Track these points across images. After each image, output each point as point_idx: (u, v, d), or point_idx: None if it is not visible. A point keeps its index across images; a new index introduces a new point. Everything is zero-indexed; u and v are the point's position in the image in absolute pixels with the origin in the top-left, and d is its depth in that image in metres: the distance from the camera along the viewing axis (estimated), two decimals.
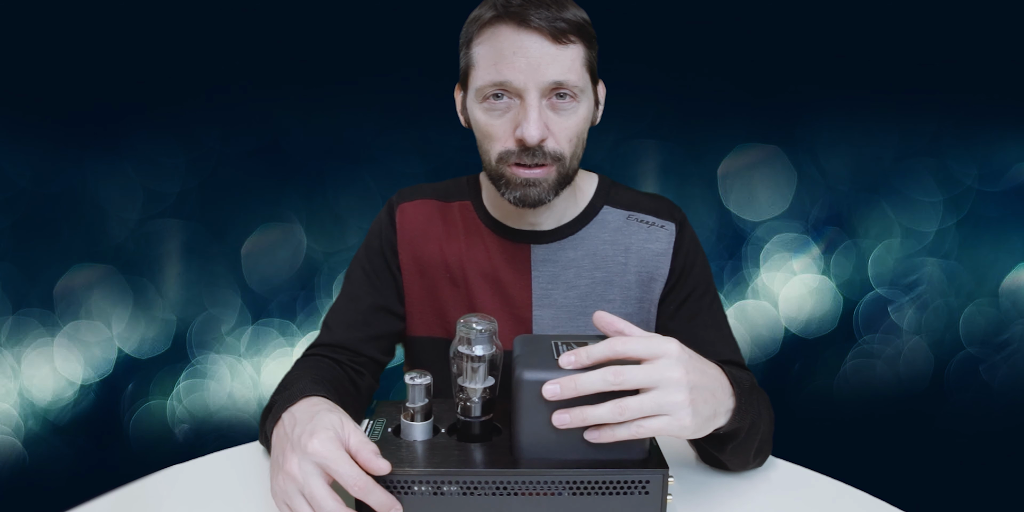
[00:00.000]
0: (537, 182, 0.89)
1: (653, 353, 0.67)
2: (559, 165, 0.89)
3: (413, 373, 0.75)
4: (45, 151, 1.76)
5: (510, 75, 0.85)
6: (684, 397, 0.67)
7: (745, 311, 1.93)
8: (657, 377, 0.66)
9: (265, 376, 1.87)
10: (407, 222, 1.03)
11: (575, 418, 0.67)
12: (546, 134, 0.87)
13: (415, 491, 0.70)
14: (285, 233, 1.87)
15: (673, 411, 0.67)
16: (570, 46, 0.86)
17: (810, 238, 1.92)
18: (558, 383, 0.67)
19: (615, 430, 0.67)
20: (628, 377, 0.66)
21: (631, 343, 0.68)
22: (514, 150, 0.88)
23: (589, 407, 0.67)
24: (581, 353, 0.68)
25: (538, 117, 0.86)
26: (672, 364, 0.67)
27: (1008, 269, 1.88)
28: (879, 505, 0.84)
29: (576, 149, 0.91)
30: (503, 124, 0.88)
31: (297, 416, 0.74)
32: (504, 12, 0.86)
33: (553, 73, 0.85)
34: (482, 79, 0.88)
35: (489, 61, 0.87)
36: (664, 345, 0.68)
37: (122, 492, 0.86)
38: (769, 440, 0.89)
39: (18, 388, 1.76)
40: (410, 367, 1.11)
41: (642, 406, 0.66)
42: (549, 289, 1.00)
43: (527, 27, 0.84)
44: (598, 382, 0.66)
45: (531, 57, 0.85)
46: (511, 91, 0.87)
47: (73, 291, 1.78)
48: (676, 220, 1.02)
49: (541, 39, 0.84)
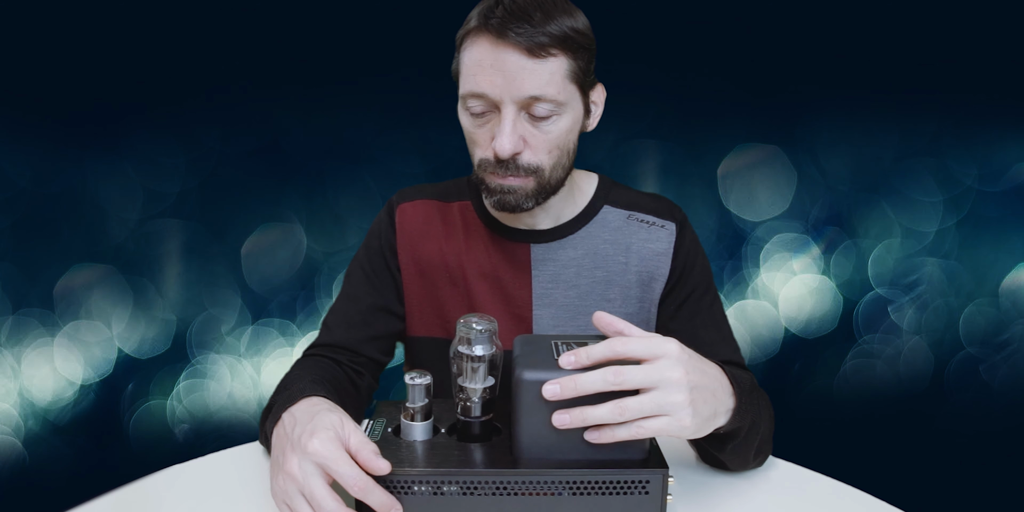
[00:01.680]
0: (512, 190, 0.89)
1: (653, 353, 0.67)
2: (536, 176, 0.89)
3: (413, 373, 0.75)
4: (45, 151, 1.76)
5: (487, 87, 0.85)
6: (684, 397, 0.67)
7: (745, 311, 1.93)
8: (657, 377, 0.66)
9: (265, 376, 1.87)
10: (407, 222, 1.03)
11: (575, 418, 0.67)
12: (520, 147, 0.87)
13: (415, 491, 0.70)
14: (285, 233, 1.87)
15: (673, 411, 0.67)
16: (549, 60, 0.84)
17: (810, 238, 1.92)
18: (558, 383, 0.67)
19: (615, 430, 0.67)
20: (628, 377, 0.66)
21: (631, 343, 0.68)
22: (491, 160, 0.89)
23: (589, 407, 0.67)
24: (581, 353, 0.68)
25: (511, 131, 0.85)
26: (672, 364, 0.67)
27: (1008, 269, 1.88)
28: (879, 505, 0.84)
29: (559, 159, 0.91)
30: (483, 133, 0.89)
31: (297, 416, 0.74)
32: (484, 23, 0.85)
33: (529, 87, 0.84)
34: (464, 87, 0.88)
35: (469, 71, 0.87)
36: (664, 345, 0.68)
37: (122, 492, 0.86)
38: (769, 440, 0.89)
39: (18, 388, 1.76)
40: (410, 367, 1.11)
41: (642, 406, 0.66)
42: (549, 288, 1.00)
43: (504, 40, 0.83)
44: (598, 382, 0.66)
45: (507, 71, 0.84)
46: (488, 102, 0.87)
47: (73, 291, 1.78)
48: (676, 220, 1.02)
49: (517, 53, 0.83)
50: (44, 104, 1.74)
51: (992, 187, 1.87)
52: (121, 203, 1.80)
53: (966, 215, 1.87)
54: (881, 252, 1.91)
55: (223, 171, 1.84)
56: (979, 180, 1.87)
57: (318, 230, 1.88)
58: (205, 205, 1.84)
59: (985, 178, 1.87)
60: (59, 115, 1.76)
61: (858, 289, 1.92)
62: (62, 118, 1.76)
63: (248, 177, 1.85)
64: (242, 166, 1.84)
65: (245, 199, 1.86)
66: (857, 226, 1.91)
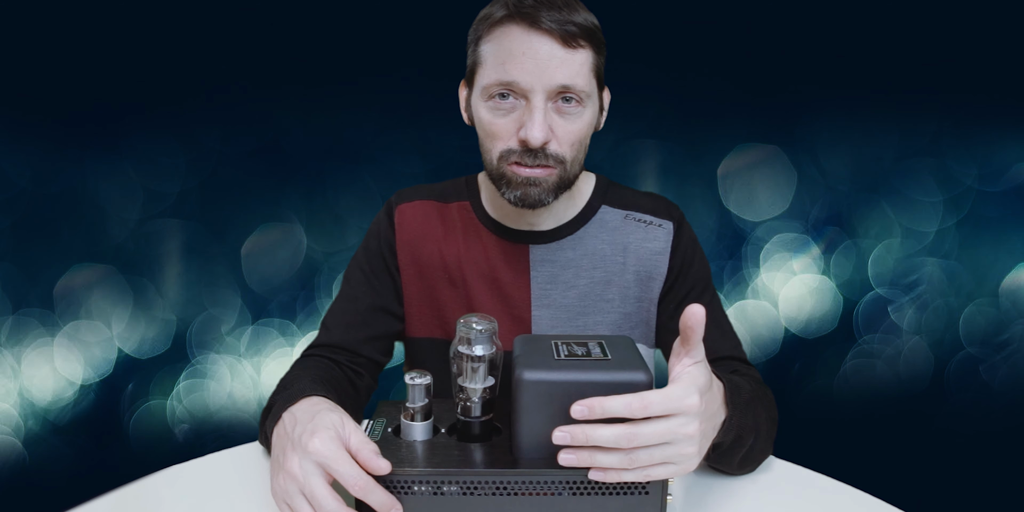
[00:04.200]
0: (538, 182, 0.89)
1: (671, 412, 0.66)
2: (561, 168, 0.89)
3: (413, 373, 0.75)
4: (45, 151, 1.76)
5: (518, 75, 0.85)
6: (695, 449, 0.67)
7: (745, 311, 1.93)
8: (671, 436, 0.65)
9: (265, 376, 1.87)
10: (406, 223, 1.03)
11: (582, 459, 0.66)
12: (550, 137, 0.87)
13: (415, 491, 0.70)
14: (285, 233, 1.87)
15: (682, 462, 0.67)
16: (579, 50, 0.85)
17: (810, 238, 1.92)
18: (568, 432, 0.66)
19: (621, 474, 0.67)
20: (642, 440, 0.65)
21: (651, 407, 0.65)
22: (516, 149, 0.88)
23: (599, 452, 0.66)
24: (596, 407, 0.65)
25: (543, 119, 0.85)
26: (689, 421, 0.66)
27: (1008, 269, 1.88)
28: (879, 505, 0.84)
29: (578, 154, 0.91)
30: (507, 123, 0.88)
31: (297, 416, 0.74)
32: (515, 12, 0.85)
33: (561, 76, 0.85)
34: (488, 77, 0.87)
35: (497, 60, 0.86)
36: (685, 402, 0.66)
37: (122, 492, 0.86)
38: (766, 448, 0.87)
39: (18, 388, 1.76)
40: (410, 367, 1.11)
41: (652, 458, 0.66)
42: (548, 289, 1.00)
43: (538, 28, 0.84)
44: (610, 440, 0.65)
45: (540, 59, 0.84)
46: (517, 91, 0.86)
47: (73, 291, 1.78)
48: (674, 219, 1.02)
49: (551, 41, 0.84)
50: (44, 104, 1.74)
51: (992, 187, 1.87)
52: (121, 203, 1.80)
53: (966, 215, 1.87)
54: (881, 252, 1.91)
55: (223, 171, 1.84)
56: (979, 180, 1.87)
57: (318, 230, 1.88)
58: (205, 205, 1.84)
59: (985, 178, 1.87)
60: (59, 115, 1.76)
61: (858, 289, 1.92)
62: (62, 118, 1.76)
63: (248, 177, 1.85)
64: (242, 166, 1.84)
65: (245, 199, 1.86)
66: (857, 226, 1.91)
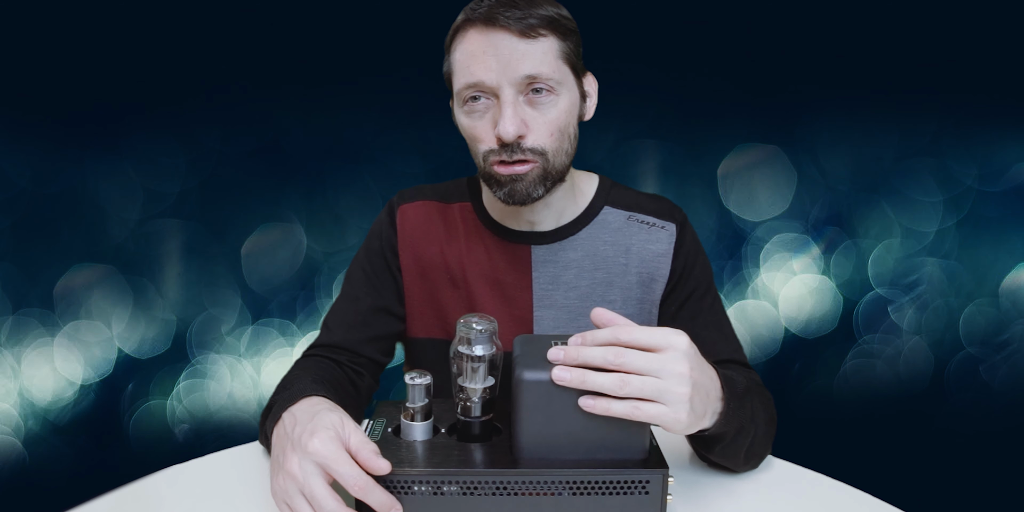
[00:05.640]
0: (520, 177, 0.89)
1: (659, 344, 0.67)
2: (542, 160, 0.89)
3: (413, 373, 0.75)
4: (45, 151, 1.76)
5: (482, 74, 0.86)
6: (686, 390, 0.67)
7: (745, 311, 1.93)
8: (659, 367, 0.66)
9: (265, 376, 1.87)
10: (408, 223, 1.03)
11: (575, 378, 0.67)
12: (523, 130, 0.87)
13: (415, 491, 0.70)
14: (285, 233, 1.87)
15: (672, 402, 0.67)
16: (540, 39, 0.86)
17: (810, 238, 1.92)
18: (563, 349, 0.68)
19: (611, 404, 0.67)
20: (630, 359, 0.66)
21: (635, 332, 0.67)
22: (496, 148, 0.89)
23: (591, 372, 0.67)
24: (587, 336, 0.68)
25: (513, 113, 0.86)
26: (679, 357, 0.67)
27: (1008, 269, 1.88)
28: (879, 505, 0.84)
29: (561, 143, 0.90)
30: (484, 125, 0.89)
31: (297, 415, 0.74)
32: (472, 15, 0.87)
33: (525, 67, 0.85)
34: (459, 83, 0.89)
35: (463, 65, 0.88)
36: (673, 337, 0.68)
37: (122, 492, 0.86)
38: (767, 444, 0.88)
39: (18, 388, 1.76)
40: (410, 368, 1.11)
41: (644, 387, 0.66)
42: (550, 290, 1.00)
43: (494, 26, 0.85)
44: (598, 358, 0.66)
45: (501, 54, 0.85)
46: (486, 91, 0.87)
47: (73, 291, 1.78)
48: (677, 221, 1.02)
49: (509, 36, 0.85)
50: (44, 104, 1.74)
51: (992, 187, 1.87)
52: (121, 203, 1.80)
53: (966, 215, 1.87)
54: (881, 252, 1.90)
55: (223, 171, 1.84)
56: (979, 180, 1.87)
57: (318, 230, 1.88)
58: (205, 205, 1.84)
59: (985, 178, 1.87)
60: (59, 115, 1.76)
61: (858, 289, 1.92)
62: (62, 118, 1.76)
63: (248, 177, 1.85)
64: (242, 166, 1.84)
65: (245, 199, 1.86)
66: (857, 226, 1.91)
